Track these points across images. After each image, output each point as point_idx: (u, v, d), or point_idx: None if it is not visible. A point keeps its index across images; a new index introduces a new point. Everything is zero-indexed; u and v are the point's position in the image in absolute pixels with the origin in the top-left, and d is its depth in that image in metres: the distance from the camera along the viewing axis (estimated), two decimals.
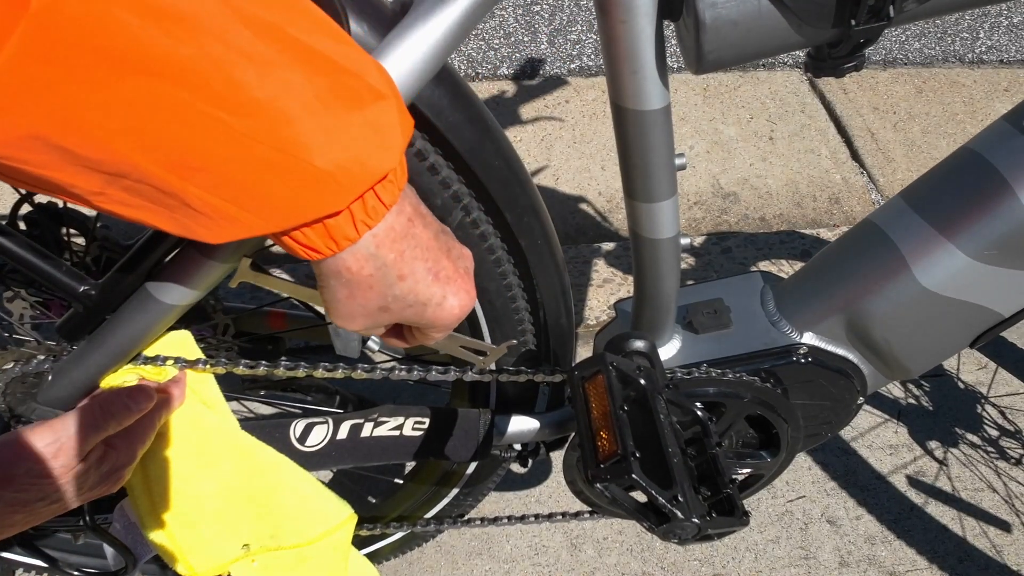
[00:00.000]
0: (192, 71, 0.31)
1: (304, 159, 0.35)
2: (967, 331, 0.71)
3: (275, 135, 0.34)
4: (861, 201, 1.75)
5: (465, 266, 0.46)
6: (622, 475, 0.54)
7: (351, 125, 0.36)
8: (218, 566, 0.61)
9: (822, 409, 0.79)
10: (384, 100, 0.37)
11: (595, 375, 0.61)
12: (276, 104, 0.33)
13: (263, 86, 0.33)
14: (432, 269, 0.43)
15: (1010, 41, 2.19)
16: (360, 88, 0.36)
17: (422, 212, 0.43)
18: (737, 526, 0.59)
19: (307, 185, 0.35)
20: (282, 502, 0.63)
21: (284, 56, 0.33)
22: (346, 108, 0.35)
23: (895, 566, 1.13)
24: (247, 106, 0.33)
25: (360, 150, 0.36)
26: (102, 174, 0.33)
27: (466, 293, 0.45)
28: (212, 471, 0.60)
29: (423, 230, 0.42)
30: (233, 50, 0.32)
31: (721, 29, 0.53)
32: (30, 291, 0.70)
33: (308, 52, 0.34)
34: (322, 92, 0.35)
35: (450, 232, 0.46)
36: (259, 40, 0.33)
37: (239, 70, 0.32)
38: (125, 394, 0.53)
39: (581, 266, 1.50)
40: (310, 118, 0.34)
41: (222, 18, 0.31)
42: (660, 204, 0.65)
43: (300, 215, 0.36)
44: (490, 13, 2.15)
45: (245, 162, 0.34)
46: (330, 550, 0.66)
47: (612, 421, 0.57)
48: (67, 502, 0.51)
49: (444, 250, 0.44)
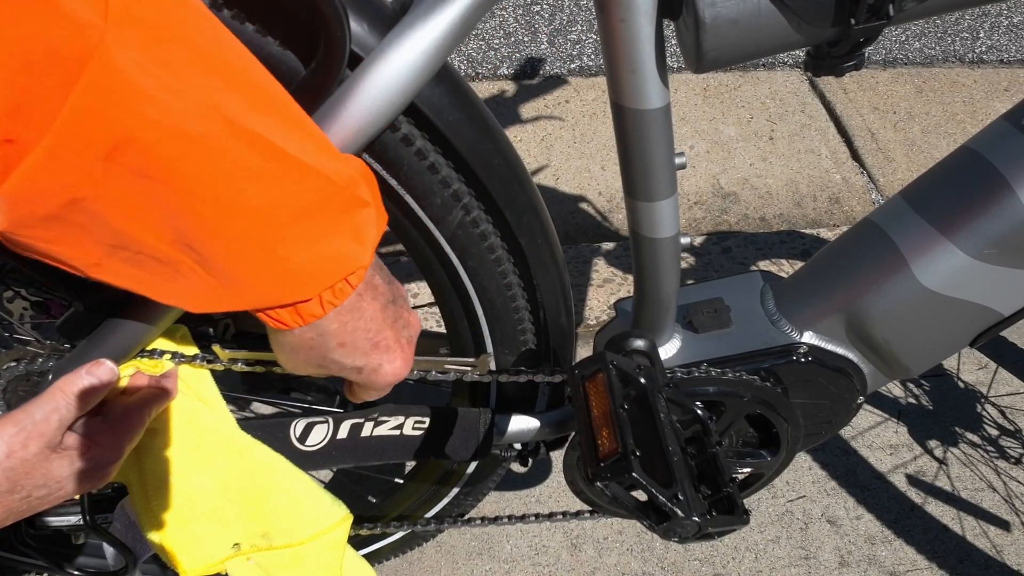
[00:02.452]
0: (196, 182, 0.35)
1: (286, 257, 0.39)
2: (967, 330, 0.71)
3: (263, 236, 0.38)
4: (861, 201, 1.75)
5: (408, 335, 0.50)
6: (622, 473, 0.54)
7: (334, 230, 0.40)
8: (207, 565, 0.60)
9: (822, 408, 0.79)
10: (366, 208, 0.42)
11: (595, 374, 0.61)
12: (268, 211, 0.38)
13: (258, 196, 0.37)
14: (372, 339, 0.47)
15: (1010, 41, 2.19)
16: (345, 198, 0.41)
17: (375, 284, 0.46)
18: (737, 525, 0.59)
19: (286, 277, 0.40)
20: (275, 502, 0.63)
21: (279, 171, 0.37)
22: (331, 216, 0.40)
23: (895, 566, 1.13)
24: (240, 211, 0.37)
25: (338, 249, 0.41)
26: (105, 246, 0.37)
27: (402, 362, 0.50)
28: (207, 469, 0.60)
29: (370, 303, 0.46)
30: (235, 166, 0.36)
31: (721, 28, 0.53)
32: (30, 291, 0.69)
33: (300, 167, 0.38)
34: (311, 202, 0.39)
35: (402, 299, 0.50)
36: (258, 156, 0.37)
37: (239, 183, 0.36)
38: (84, 369, 0.51)
39: (581, 266, 1.50)
40: (297, 224, 0.39)
41: (228, 138, 0.35)
42: (660, 203, 0.65)
43: (276, 300, 0.41)
44: (490, 13, 2.15)
45: (235, 254, 0.38)
46: (326, 550, 0.66)
47: (612, 420, 0.57)
48: (47, 496, 0.49)
49: (389, 321, 0.48)
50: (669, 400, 0.64)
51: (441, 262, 0.67)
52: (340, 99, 0.51)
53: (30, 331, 0.68)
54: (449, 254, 0.66)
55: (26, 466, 0.47)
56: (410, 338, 0.50)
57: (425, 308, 1.38)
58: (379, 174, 0.59)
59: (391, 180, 0.60)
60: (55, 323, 0.61)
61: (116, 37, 0.31)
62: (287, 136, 0.38)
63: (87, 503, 0.65)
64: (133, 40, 0.32)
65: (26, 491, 0.48)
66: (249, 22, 0.50)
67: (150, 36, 0.33)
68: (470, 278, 0.68)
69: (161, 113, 0.33)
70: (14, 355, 0.61)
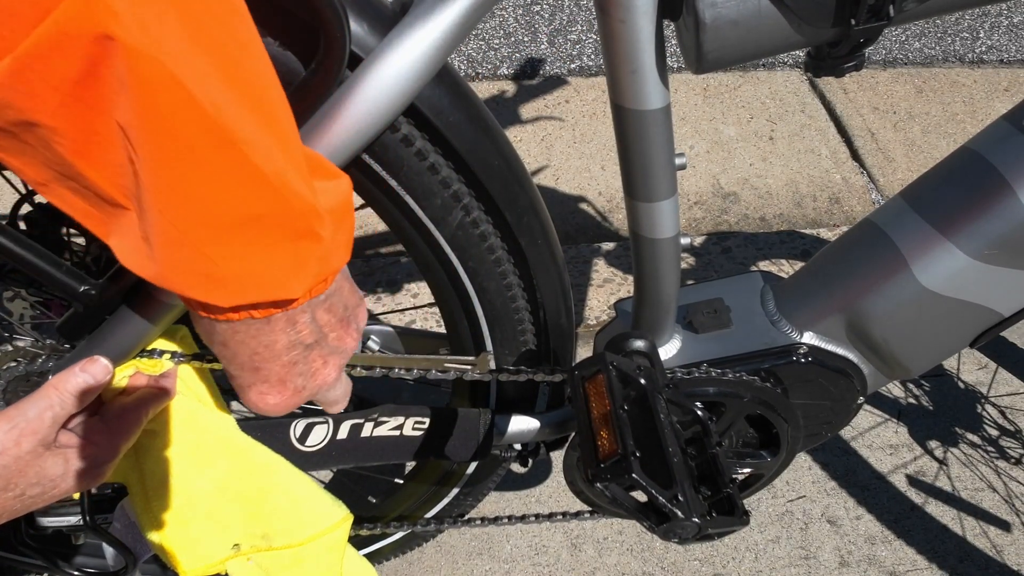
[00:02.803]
0: (147, 149, 0.33)
1: (209, 257, 0.37)
2: (967, 331, 0.71)
3: (196, 229, 0.36)
4: (861, 201, 1.75)
5: (303, 385, 0.47)
6: (622, 475, 0.54)
7: (270, 252, 0.38)
8: (207, 565, 0.60)
9: (822, 409, 0.79)
10: (316, 243, 0.39)
11: (595, 375, 0.61)
12: (205, 207, 0.36)
13: (200, 189, 0.35)
14: (255, 363, 0.45)
15: (1010, 41, 2.19)
16: (295, 226, 0.38)
17: (297, 320, 0.44)
18: (737, 525, 0.59)
19: (201, 275, 0.38)
20: (275, 502, 0.63)
21: (233, 174, 0.35)
22: (273, 237, 0.38)
23: (895, 566, 1.13)
24: (179, 196, 0.35)
25: (267, 272, 0.39)
26: (54, 172, 0.35)
27: (275, 402, 0.47)
28: (206, 469, 0.60)
29: (277, 334, 0.43)
30: (188, 153, 0.34)
31: (721, 29, 0.53)
32: (30, 291, 0.69)
33: (258, 179, 0.36)
34: (255, 216, 0.37)
35: (334, 351, 0.48)
36: (216, 152, 0.34)
37: (185, 169, 0.34)
38: (78, 367, 0.51)
39: (581, 266, 1.50)
40: (231, 231, 0.37)
41: (190, 123, 0.33)
42: (660, 204, 0.65)
43: (184, 291, 0.39)
44: (490, 13, 2.15)
45: (165, 234, 0.36)
46: (326, 551, 0.66)
47: (612, 421, 0.57)
48: (42, 494, 0.49)
49: (286, 360, 0.45)
50: (669, 401, 0.64)
51: (441, 262, 0.67)
52: (340, 100, 0.51)
53: (30, 331, 0.68)
54: (449, 254, 0.66)
55: (19, 463, 0.47)
56: (303, 387, 0.48)
57: (425, 308, 1.38)
58: (379, 174, 0.59)
59: (391, 181, 0.59)
60: (55, 323, 0.61)
61: None
62: (260, 140, 0.36)
63: (87, 503, 0.65)
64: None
65: (20, 489, 0.47)
66: None
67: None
68: (470, 278, 0.68)
69: (145, 64, 0.31)
70: (14, 355, 0.61)
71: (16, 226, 0.65)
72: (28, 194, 0.64)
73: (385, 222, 0.65)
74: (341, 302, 0.46)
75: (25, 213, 0.66)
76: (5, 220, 0.61)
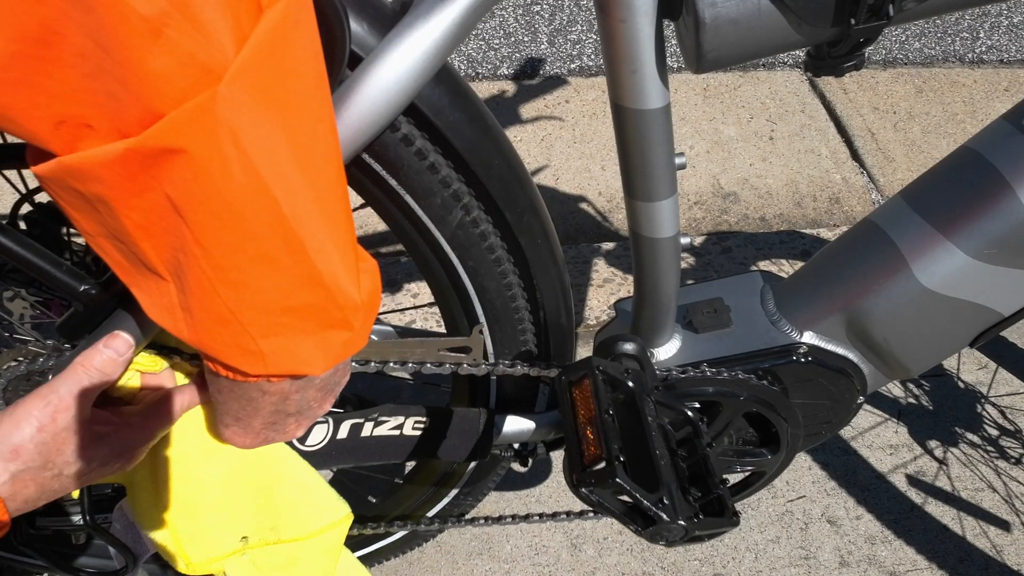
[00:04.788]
0: (216, 246, 0.36)
1: (252, 336, 0.41)
2: (967, 330, 0.71)
3: (244, 311, 0.39)
4: (861, 201, 1.75)
5: (270, 436, 0.54)
6: (606, 479, 0.54)
7: (308, 336, 0.42)
8: (214, 558, 0.60)
9: (822, 408, 0.79)
10: (347, 331, 0.43)
11: (581, 379, 0.61)
12: (261, 295, 0.39)
13: (261, 281, 0.38)
14: (240, 416, 0.51)
15: (1010, 41, 2.19)
16: (336, 317, 0.42)
17: (289, 395, 0.48)
18: (726, 527, 0.59)
19: (241, 349, 0.41)
20: (285, 493, 0.63)
21: (294, 271, 0.39)
22: (313, 324, 0.42)
23: (895, 566, 1.13)
24: (237, 285, 0.38)
25: (301, 352, 0.42)
26: (108, 231, 0.38)
27: (242, 442, 0.54)
28: (218, 458, 0.60)
29: (266, 402, 0.49)
30: (259, 251, 0.37)
31: (721, 28, 0.53)
32: (30, 291, 0.69)
33: (315, 277, 0.39)
34: (304, 306, 0.40)
35: (308, 415, 0.53)
36: (284, 253, 0.38)
37: (252, 265, 0.38)
38: (101, 343, 0.53)
39: (581, 266, 1.50)
40: (279, 316, 0.40)
41: (269, 229, 0.37)
42: (660, 203, 0.65)
43: (220, 357, 0.43)
44: (490, 13, 2.15)
45: (209, 306, 0.39)
46: (321, 552, 0.66)
47: (597, 425, 0.57)
48: (76, 473, 0.50)
49: (268, 420, 0.51)
50: (658, 403, 0.64)
51: (441, 262, 0.67)
52: (340, 99, 0.51)
53: (30, 331, 0.68)
54: (449, 254, 0.66)
55: (57, 441, 0.48)
56: (271, 438, 0.54)
57: (425, 308, 1.38)
58: (379, 174, 0.59)
59: (391, 180, 0.60)
60: (55, 323, 0.61)
61: (229, 84, 0.32)
62: (322, 246, 0.39)
63: (87, 503, 0.65)
64: (244, 90, 0.33)
65: (58, 468, 0.49)
66: None
67: (261, 90, 0.34)
68: (470, 278, 0.68)
69: (226, 185, 0.34)
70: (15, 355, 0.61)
71: (16, 226, 0.65)
72: (28, 194, 0.64)
73: (385, 222, 0.65)
74: (332, 382, 0.51)
75: (25, 213, 0.66)
76: (5, 220, 0.61)
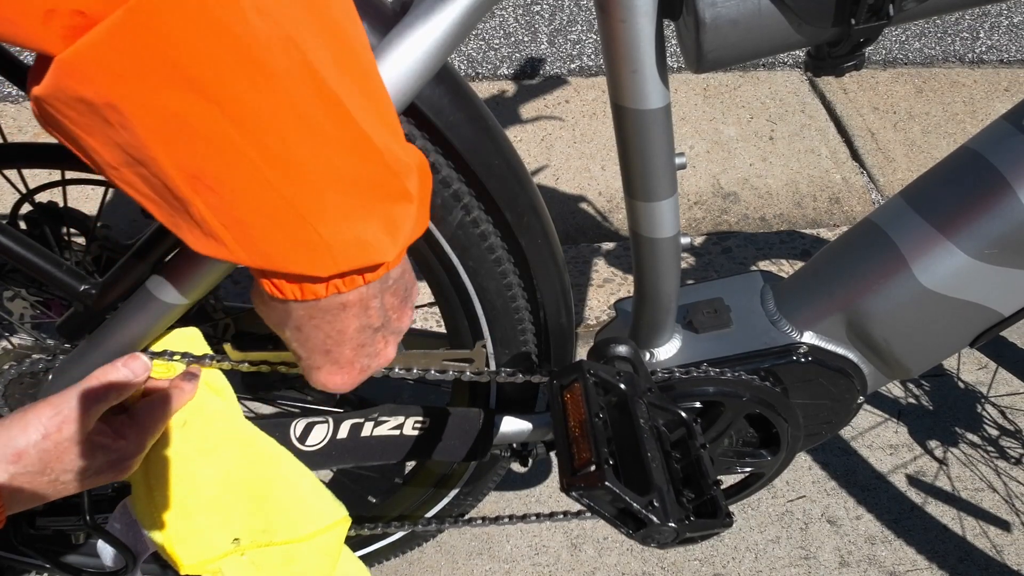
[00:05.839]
0: (253, 117, 0.33)
1: (313, 225, 0.37)
2: (967, 330, 0.71)
3: (297, 195, 0.36)
4: (861, 201, 1.75)
5: (368, 364, 0.49)
6: (595, 484, 0.54)
7: (370, 214, 0.38)
8: (205, 560, 0.60)
9: (822, 408, 0.79)
10: (409, 203, 0.39)
11: (573, 383, 0.61)
12: (312, 172, 0.35)
13: (309, 153, 0.35)
14: (327, 346, 0.46)
15: (1010, 41, 2.19)
16: (393, 186, 0.38)
17: (369, 304, 0.44)
18: (719, 528, 0.59)
19: (304, 246, 0.37)
20: (279, 496, 0.63)
21: (339, 135, 0.35)
22: (372, 198, 0.38)
23: (895, 566, 1.13)
24: (285, 163, 0.35)
25: (368, 236, 0.38)
26: (126, 155, 0.35)
27: (343, 380, 0.49)
28: (213, 458, 0.60)
29: (351, 318, 0.44)
30: (298, 115, 0.34)
31: (721, 28, 0.53)
32: (30, 291, 0.70)
33: (362, 139, 0.36)
34: (358, 178, 0.37)
35: (392, 331, 0.49)
36: (324, 114, 0.34)
37: (295, 134, 0.34)
38: (120, 362, 0.53)
39: (581, 266, 1.50)
40: (336, 195, 0.36)
41: (302, 84, 0.33)
42: (660, 203, 0.65)
43: (284, 266, 0.38)
44: (490, 13, 2.15)
45: (257, 204, 0.36)
46: (319, 552, 0.66)
47: (587, 429, 0.57)
48: (71, 482, 0.50)
49: (355, 343, 0.46)
50: (652, 405, 0.64)
51: (441, 262, 0.67)
52: None
53: (30, 331, 0.68)
54: (449, 254, 0.66)
55: (59, 449, 0.48)
56: (368, 367, 0.49)
57: (425, 308, 1.38)
58: None
59: None
60: (55, 323, 0.61)
61: None
62: (359, 103, 0.36)
63: (87, 503, 0.65)
64: None
65: (55, 474, 0.49)
66: None
67: None
68: (470, 278, 0.68)
69: (243, 29, 0.31)
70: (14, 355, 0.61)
71: (16, 226, 0.65)
72: (28, 194, 0.64)
73: None
74: (404, 284, 0.47)
75: (25, 213, 0.66)
76: (5, 220, 0.61)
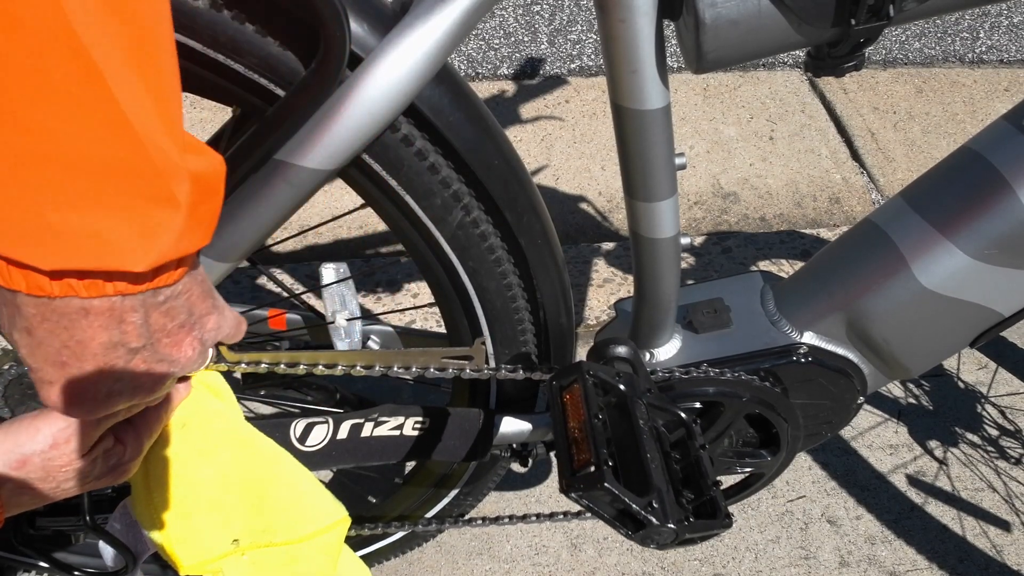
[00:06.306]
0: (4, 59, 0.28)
1: (39, 203, 0.31)
2: (967, 331, 0.71)
3: (22, 160, 0.30)
4: (861, 201, 1.75)
5: (113, 388, 0.41)
6: (594, 485, 0.54)
7: (116, 207, 0.32)
8: (204, 561, 0.60)
9: (822, 408, 0.79)
10: (175, 211, 0.34)
11: (572, 383, 0.61)
12: (49, 141, 0.30)
13: (50, 118, 0.30)
14: (61, 358, 0.38)
15: (1010, 41, 2.19)
16: (154, 185, 0.33)
17: (127, 318, 0.37)
18: (718, 528, 0.59)
19: (26, 226, 0.32)
20: (278, 496, 0.63)
21: (91, 107, 0.30)
22: (121, 191, 0.32)
23: (895, 566, 1.13)
24: (20, 124, 0.29)
25: (109, 235, 0.33)
26: None
27: (80, 403, 0.41)
28: (212, 459, 0.60)
29: (96, 330, 0.37)
30: (39, 69, 0.28)
31: (721, 28, 0.53)
32: None
33: (119, 120, 0.31)
34: (105, 162, 0.31)
35: (164, 360, 0.41)
36: (77, 81, 0.29)
37: (36, 89, 0.29)
38: None
39: (581, 266, 1.50)
40: (71, 172, 0.31)
41: (54, 41, 0.28)
42: (660, 203, 0.65)
43: (3, 247, 0.32)
44: (490, 13, 2.15)
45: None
46: (319, 552, 0.66)
47: (587, 430, 0.57)
48: (71, 488, 0.50)
49: (101, 362, 0.39)
50: (651, 405, 0.64)
51: (441, 262, 0.67)
52: (340, 100, 0.51)
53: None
54: (449, 254, 0.66)
55: (63, 458, 0.48)
56: (117, 393, 0.41)
57: (425, 308, 1.38)
58: (379, 174, 0.59)
59: (391, 180, 0.59)
60: None
61: None
62: (133, 86, 0.30)
63: (87, 503, 0.65)
64: None
65: (56, 482, 0.49)
66: (249, 23, 0.50)
67: None
68: (470, 278, 0.68)
69: None
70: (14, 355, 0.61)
71: None
72: None
73: (385, 222, 0.65)
74: (186, 307, 0.41)
75: None
76: None
